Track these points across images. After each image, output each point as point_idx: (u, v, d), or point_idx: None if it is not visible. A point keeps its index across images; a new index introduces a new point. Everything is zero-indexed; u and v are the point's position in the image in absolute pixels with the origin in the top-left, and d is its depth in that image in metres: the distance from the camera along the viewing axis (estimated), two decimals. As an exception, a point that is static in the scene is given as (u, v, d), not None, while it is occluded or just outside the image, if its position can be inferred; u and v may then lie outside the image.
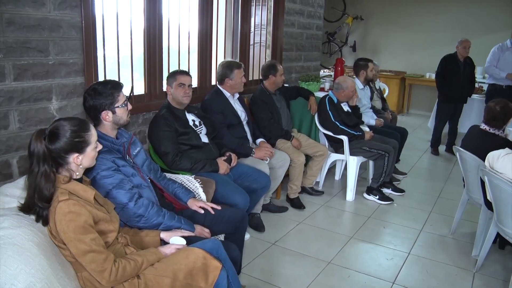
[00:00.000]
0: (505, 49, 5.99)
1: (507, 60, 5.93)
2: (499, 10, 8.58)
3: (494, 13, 8.60)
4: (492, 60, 6.04)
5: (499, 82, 6.05)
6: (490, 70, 6.08)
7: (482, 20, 8.74)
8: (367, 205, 4.41)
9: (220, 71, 3.77)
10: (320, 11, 6.16)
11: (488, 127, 3.42)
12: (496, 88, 6.08)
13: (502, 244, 3.55)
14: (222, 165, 3.25)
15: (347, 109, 4.58)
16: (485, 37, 8.18)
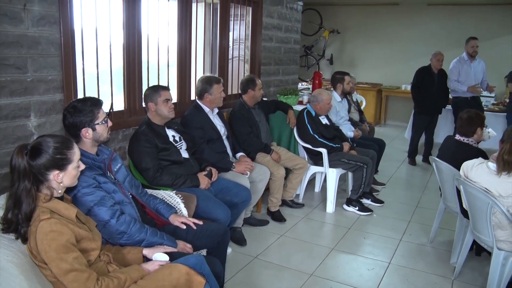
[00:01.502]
0: (463, 62, 6.18)
1: (467, 72, 6.13)
2: (468, 23, 8.88)
3: (463, 26, 8.88)
4: (453, 74, 6.21)
5: (463, 94, 6.21)
6: (452, 85, 6.24)
7: (453, 33, 9.00)
8: (347, 217, 4.46)
9: (200, 86, 3.79)
10: (297, 25, 6.26)
11: (461, 137, 3.54)
12: (462, 100, 6.22)
13: (479, 251, 3.63)
14: (203, 180, 3.26)
15: (326, 122, 4.64)
16: (456, 49, 8.39)
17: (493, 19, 8.75)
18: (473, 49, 6.10)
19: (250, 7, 5.16)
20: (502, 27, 8.67)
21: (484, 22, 8.76)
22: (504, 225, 2.79)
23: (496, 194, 2.77)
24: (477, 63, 6.21)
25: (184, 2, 4.06)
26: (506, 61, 7.64)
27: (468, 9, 8.90)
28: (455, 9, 9.02)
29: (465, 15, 8.96)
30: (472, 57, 6.14)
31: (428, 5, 9.28)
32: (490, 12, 8.77)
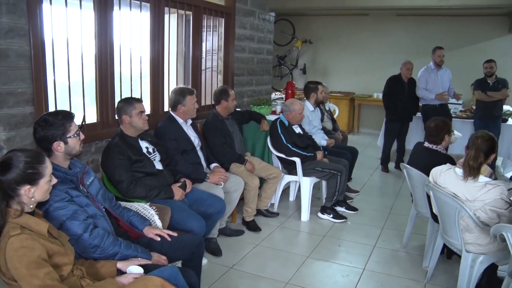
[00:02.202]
0: (430, 71, 6.35)
1: (434, 81, 6.29)
2: (436, 33, 9.15)
3: (431, 36, 9.13)
4: (421, 83, 6.35)
5: (431, 102, 6.37)
6: (420, 93, 6.38)
7: (421, 43, 9.25)
8: (322, 224, 4.50)
9: (173, 97, 3.80)
10: (270, 36, 6.33)
11: (430, 145, 3.64)
12: (431, 107, 6.37)
13: (449, 254, 3.72)
14: (177, 191, 3.26)
15: (299, 131, 4.70)
16: (424, 58, 8.60)
17: (459, 29, 9.07)
18: (439, 59, 6.27)
19: (223, 18, 5.20)
20: (468, 37, 8.99)
21: (451, 32, 9.06)
22: (472, 228, 2.87)
23: (463, 198, 2.86)
24: (443, 72, 6.38)
25: (156, 13, 4.07)
26: (472, 69, 7.87)
27: (436, 19, 9.18)
28: (423, 20, 9.28)
29: (432, 26, 9.25)
30: (438, 66, 6.32)
31: (397, 15, 9.52)
32: (457, 23, 9.07)
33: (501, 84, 6.21)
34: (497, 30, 8.92)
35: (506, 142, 6.63)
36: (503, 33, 8.88)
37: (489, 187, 2.78)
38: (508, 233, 2.41)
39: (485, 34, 8.97)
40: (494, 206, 2.78)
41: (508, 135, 6.62)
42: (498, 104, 6.29)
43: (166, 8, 4.19)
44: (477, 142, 2.89)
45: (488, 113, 6.27)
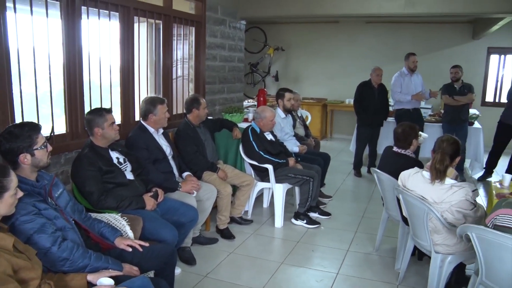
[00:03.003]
0: (404, 75, 6.49)
1: (408, 85, 6.44)
2: (405, 39, 9.40)
3: (401, 42, 9.38)
4: (396, 86, 6.48)
5: (405, 106, 6.50)
6: (396, 96, 6.50)
7: (391, 49, 9.49)
8: (295, 230, 4.53)
9: (143, 107, 3.78)
10: (241, 44, 6.37)
11: (398, 149, 3.72)
12: (404, 111, 6.51)
13: (421, 255, 3.80)
14: (149, 201, 3.24)
15: (271, 138, 4.73)
16: (394, 64, 8.80)
17: (426, 36, 9.32)
18: (414, 64, 6.43)
19: (193, 27, 5.21)
20: (434, 43, 9.25)
21: (419, 39, 9.32)
22: (439, 229, 2.94)
23: (431, 201, 2.93)
24: (416, 76, 6.54)
25: (125, 22, 4.06)
26: (441, 74, 8.10)
27: (404, 26, 9.41)
28: (393, 26, 9.50)
29: (401, 32, 9.49)
30: (412, 71, 6.47)
31: (366, 23, 9.72)
32: (424, 30, 9.32)
33: (467, 89, 6.39)
34: (461, 37, 9.22)
35: (473, 144, 6.82)
36: (467, 39, 9.20)
37: (455, 189, 2.85)
38: (473, 233, 2.47)
39: (451, 41, 9.27)
40: (460, 207, 2.85)
41: (475, 137, 6.80)
42: (464, 108, 6.46)
43: (136, 17, 4.18)
44: (442, 145, 2.97)
45: (455, 117, 6.43)
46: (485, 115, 7.96)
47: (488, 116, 7.95)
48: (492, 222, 2.48)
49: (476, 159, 6.83)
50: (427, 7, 5.91)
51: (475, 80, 8.21)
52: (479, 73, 9.19)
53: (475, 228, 2.48)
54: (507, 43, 8.93)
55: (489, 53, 9.23)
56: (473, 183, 6.45)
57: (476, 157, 6.83)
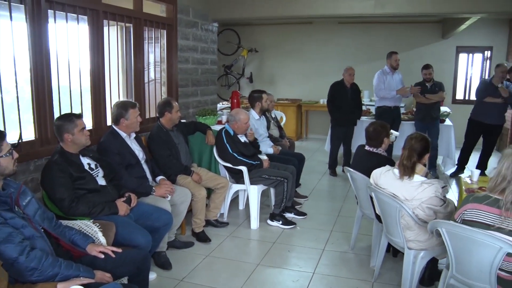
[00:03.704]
0: (386, 73, 6.59)
1: (389, 83, 6.54)
2: (378, 39, 9.54)
3: (373, 42, 9.52)
4: (379, 83, 6.57)
5: (387, 103, 6.59)
6: (380, 93, 6.57)
7: (364, 49, 9.63)
8: (271, 231, 4.54)
9: (115, 111, 3.73)
10: (213, 46, 6.35)
11: (370, 148, 3.77)
12: (385, 109, 6.62)
13: (395, 252, 3.85)
14: (122, 206, 3.19)
15: (244, 140, 4.72)
16: (368, 64, 8.95)
17: (397, 35, 9.49)
18: (396, 63, 6.55)
19: (165, 30, 5.18)
20: (406, 42, 9.41)
21: (390, 39, 9.47)
22: (411, 226, 2.99)
23: (402, 198, 2.97)
24: (396, 75, 6.65)
25: (95, 25, 4.00)
26: (413, 73, 8.23)
27: (377, 26, 9.55)
28: (365, 27, 9.63)
29: (374, 32, 9.63)
30: (394, 69, 6.58)
31: (339, 23, 9.82)
32: (395, 30, 9.48)
33: (438, 87, 6.52)
34: (431, 36, 9.42)
35: (445, 141, 6.95)
36: (437, 39, 9.41)
37: (425, 186, 2.90)
38: (443, 228, 2.52)
39: (421, 40, 9.46)
40: (430, 204, 2.91)
41: (447, 134, 6.94)
42: (436, 106, 6.59)
43: (105, 21, 4.13)
44: (411, 142, 3.02)
45: (427, 115, 6.55)
46: (456, 112, 8.14)
47: (459, 113, 8.13)
48: (460, 217, 2.52)
49: (448, 155, 6.97)
50: (397, 7, 6.00)
51: (445, 79, 8.37)
52: (449, 71, 9.41)
53: (444, 224, 2.53)
54: (474, 42, 9.18)
55: (458, 52, 9.46)
56: (446, 179, 6.59)
57: (448, 153, 6.97)
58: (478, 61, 9.51)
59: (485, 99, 6.21)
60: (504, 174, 2.35)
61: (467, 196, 2.62)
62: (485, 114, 6.26)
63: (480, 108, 6.34)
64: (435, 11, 5.98)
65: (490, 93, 6.15)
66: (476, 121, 6.39)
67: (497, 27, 8.96)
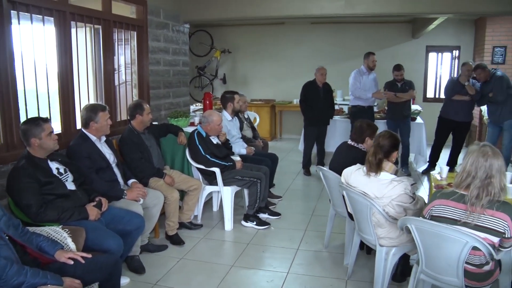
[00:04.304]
0: (362, 73, 6.65)
1: (365, 83, 6.61)
2: (350, 39, 9.65)
3: (345, 42, 9.62)
4: (356, 82, 6.62)
5: (361, 103, 6.66)
6: (357, 92, 6.61)
7: (336, 49, 9.72)
8: (245, 232, 4.53)
9: (84, 114, 3.66)
10: (185, 47, 6.32)
11: (352, 142, 3.82)
12: (359, 108, 6.68)
13: (369, 250, 3.90)
14: (92, 211, 3.14)
15: (217, 141, 4.71)
16: (340, 64, 9.04)
17: (369, 35, 9.62)
18: (373, 63, 6.62)
19: (135, 31, 5.12)
20: (377, 42, 9.54)
21: (362, 38, 9.60)
22: (382, 223, 3.03)
23: (373, 196, 3.01)
24: (372, 75, 6.71)
25: (62, 26, 3.93)
26: (382, 72, 8.34)
27: (348, 26, 9.66)
28: (337, 27, 9.74)
29: (345, 32, 9.75)
30: (371, 70, 6.65)
31: (311, 23, 9.90)
32: (366, 30, 9.62)
33: (408, 86, 6.63)
34: (402, 36, 9.59)
35: (416, 139, 7.08)
36: (407, 38, 9.59)
37: (394, 184, 2.95)
38: (412, 225, 2.56)
39: (392, 40, 9.61)
40: (400, 201, 2.95)
41: (418, 132, 7.07)
42: (406, 104, 6.71)
43: (73, 22, 4.06)
44: (378, 140, 3.07)
45: (398, 113, 6.66)
46: (426, 110, 8.31)
47: (430, 111, 8.29)
48: (429, 213, 2.57)
49: (420, 153, 7.10)
50: (366, 7, 6.09)
51: (416, 77, 8.54)
52: (420, 70, 9.59)
53: (413, 220, 2.58)
54: (443, 41, 9.39)
55: (428, 51, 9.65)
56: (418, 176, 6.70)
57: (420, 151, 7.10)
58: (447, 60, 9.74)
59: (453, 97, 6.37)
60: (468, 170, 2.40)
61: (435, 192, 2.68)
62: (454, 112, 6.41)
63: (448, 106, 6.50)
64: (403, 11, 6.09)
65: (458, 91, 6.31)
66: (445, 118, 6.54)
67: (464, 27, 9.19)
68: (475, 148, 2.44)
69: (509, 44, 8.24)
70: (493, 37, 8.30)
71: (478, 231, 2.37)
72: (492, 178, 2.35)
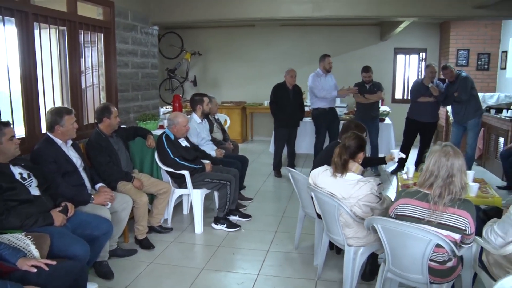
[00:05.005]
0: (320, 76, 6.72)
1: (323, 85, 6.66)
2: (319, 41, 9.76)
3: (314, 45, 9.72)
4: (317, 84, 6.66)
5: (322, 105, 6.71)
6: (322, 93, 6.64)
7: (305, 51, 9.81)
8: (216, 235, 4.52)
9: (49, 118, 3.58)
10: (154, 50, 6.26)
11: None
12: (321, 111, 6.74)
13: (338, 249, 3.94)
14: (57, 216, 3.07)
15: (186, 144, 4.68)
16: (309, 66, 9.09)
17: (338, 38, 9.76)
18: (330, 65, 6.69)
19: (102, 33, 5.05)
20: (346, 45, 9.72)
21: (331, 41, 9.73)
22: (350, 223, 3.07)
23: (340, 196, 3.05)
24: (329, 77, 6.78)
25: (24, 27, 3.84)
26: (351, 74, 8.50)
27: (317, 29, 9.76)
28: (306, 29, 9.82)
29: (314, 35, 9.85)
30: (327, 72, 6.70)
31: (281, 26, 9.95)
32: (335, 32, 9.74)
33: (376, 87, 6.75)
34: (370, 38, 9.76)
35: (385, 139, 7.23)
36: (376, 41, 9.77)
37: (361, 184, 2.99)
38: (378, 224, 2.61)
39: (361, 42, 9.77)
40: (367, 201, 3.00)
41: (387, 133, 7.21)
42: (375, 106, 6.84)
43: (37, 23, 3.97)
44: (344, 140, 3.11)
45: (367, 114, 6.77)
46: (395, 111, 8.47)
47: (398, 112, 8.45)
48: (394, 212, 2.62)
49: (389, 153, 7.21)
50: (334, 10, 6.17)
51: (385, 79, 8.70)
52: (388, 72, 9.78)
53: (379, 220, 2.62)
54: (410, 44, 9.61)
55: (396, 53, 9.85)
56: (387, 176, 6.82)
57: (389, 151, 7.21)
58: (414, 62, 9.95)
59: (418, 99, 6.53)
60: (431, 170, 2.47)
61: (400, 191, 2.74)
62: (420, 113, 6.58)
63: (414, 108, 6.67)
64: (370, 14, 6.20)
65: (423, 93, 6.48)
66: (412, 119, 6.71)
67: (430, 30, 9.44)
68: (437, 148, 2.51)
69: (472, 47, 8.51)
70: (457, 40, 8.57)
71: (441, 229, 2.43)
72: (453, 177, 2.42)
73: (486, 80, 8.52)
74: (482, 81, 8.39)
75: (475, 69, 8.46)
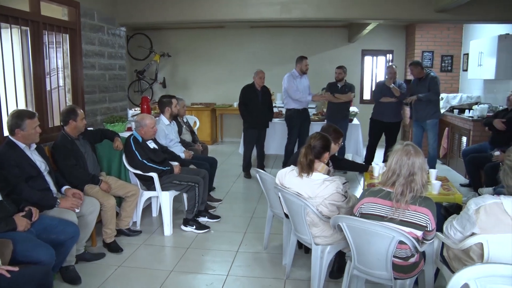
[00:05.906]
0: (295, 77, 6.78)
1: (298, 86, 6.73)
2: (288, 43, 9.87)
3: (284, 46, 9.81)
4: (292, 85, 6.70)
5: (296, 106, 6.78)
6: (297, 95, 6.69)
7: (275, 53, 9.90)
8: (185, 237, 4.50)
9: (10, 121, 3.48)
10: (121, 51, 6.19)
11: None
12: (294, 111, 6.81)
13: (307, 249, 3.98)
14: (21, 221, 3.00)
15: (154, 146, 4.65)
16: (278, 67, 9.17)
17: (308, 39, 9.89)
18: (306, 67, 6.77)
19: (67, 34, 4.97)
20: (316, 46, 9.86)
21: (301, 42, 9.85)
22: (317, 222, 3.12)
23: (306, 196, 3.09)
24: (304, 79, 6.85)
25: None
26: (322, 75, 8.65)
27: (287, 30, 9.85)
28: (276, 31, 9.90)
29: (284, 36, 9.95)
30: (303, 74, 6.77)
31: (251, 27, 10.00)
32: (305, 34, 9.86)
33: (348, 88, 6.91)
34: (339, 40, 9.94)
35: (353, 139, 7.37)
36: (344, 42, 9.94)
37: (327, 183, 3.04)
38: (343, 223, 2.66)
39: (329, 44, 9.94)
40: (333, 200, 3.05)
41: (355, 133, 7.36)
42: (344, 106, 6.97)
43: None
44: (309, 141, 3.16)
45: (336, 113, 6.92)
46: (363, 112, 8.62)
47: (366, 113, 8.53)
48: (358, 211, 2.68)
49: (357, 153, 7.40)
50: (302, 12, 6.24)
51: (353, 80, 8.83)
52: (356, 73, 9.96)
53: (344, 218, 2.68)
54: (377, 46, 9.82)
55: (363, 55, 10.04)
56: (355, 175, 6.93)
57: (357, 151, 7.39)
58: (381, 63, 10.17)
59: (381, 100, 6.70)
60: (393, 169, 2.53)
61: (364, 190, 2.80)
62: (383, 113, 6.76)
63: (378, 108, 6.86)
64: (337, 16, 6.30)
65: (385, 94, 6.67)
66: (376, 120, 6.90)
67: (396, 33, 9.67)
68: (399, 148, 2.58)
69: (436, 49, 8.76)
70: (422, 42, 8.81)
71: (403, 226, 2.50)
72: (414, 176, 2.49)
73: (449, 81, 8.80)
74: (446, 82, 8.65)
75: (439, 71, 8.71)
